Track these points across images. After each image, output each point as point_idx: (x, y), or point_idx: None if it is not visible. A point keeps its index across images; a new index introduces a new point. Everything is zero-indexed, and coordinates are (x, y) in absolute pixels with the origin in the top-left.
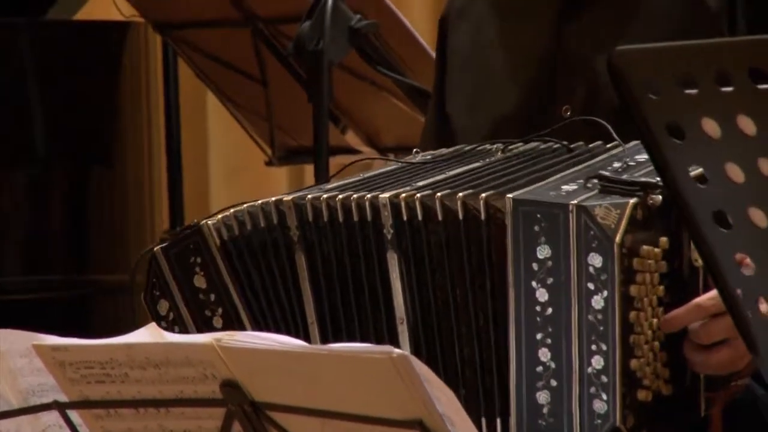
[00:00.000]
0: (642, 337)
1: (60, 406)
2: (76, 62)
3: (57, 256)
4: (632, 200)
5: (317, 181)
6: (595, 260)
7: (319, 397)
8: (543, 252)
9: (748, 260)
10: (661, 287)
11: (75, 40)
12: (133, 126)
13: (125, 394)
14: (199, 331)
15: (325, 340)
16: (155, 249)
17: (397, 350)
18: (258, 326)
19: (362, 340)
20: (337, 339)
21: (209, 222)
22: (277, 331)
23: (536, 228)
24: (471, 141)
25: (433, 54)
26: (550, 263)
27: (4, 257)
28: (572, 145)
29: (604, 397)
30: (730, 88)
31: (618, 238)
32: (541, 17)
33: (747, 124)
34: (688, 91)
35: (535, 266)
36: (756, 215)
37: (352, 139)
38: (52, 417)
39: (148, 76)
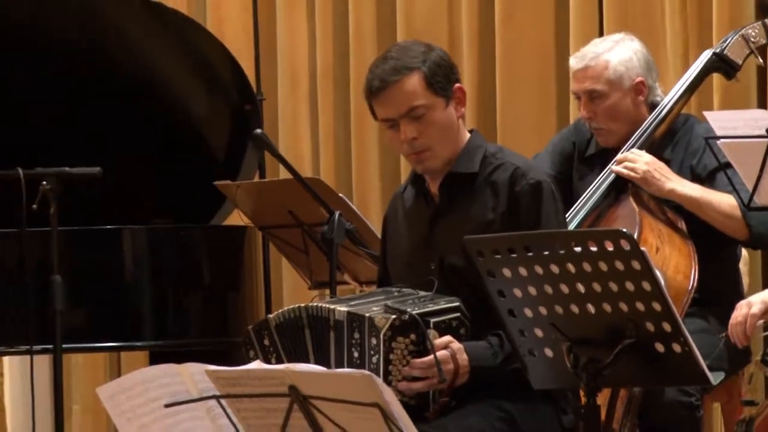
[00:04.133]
0: (395, 377)
1: (216, 397)
2: (224, 247)
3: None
4: (393, 316)
5: (331, 296)
6: (373, 341)
7: (331, 392)
8: (356, 336)
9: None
10: (408, 355)
11: (223, 235)
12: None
13: (245, 391)
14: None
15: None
16: (249, 329)
17: (366, 372)
18: (292, 361)
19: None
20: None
21: (270, 316)
22: (306, 361)
23: (355, 325)
24: (392, 283)
25: (377, 233)
26: (357, 337)
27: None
28: (404, 290)
29: None
30: (515, 255)
31: (384, 330)
32: (421, 221)
33: (523, 271)
34: (497, 257)
35: (354, 340)
36: (527, 312)
37: (347, 278)
38: (212, 403)
39: (256, 256)
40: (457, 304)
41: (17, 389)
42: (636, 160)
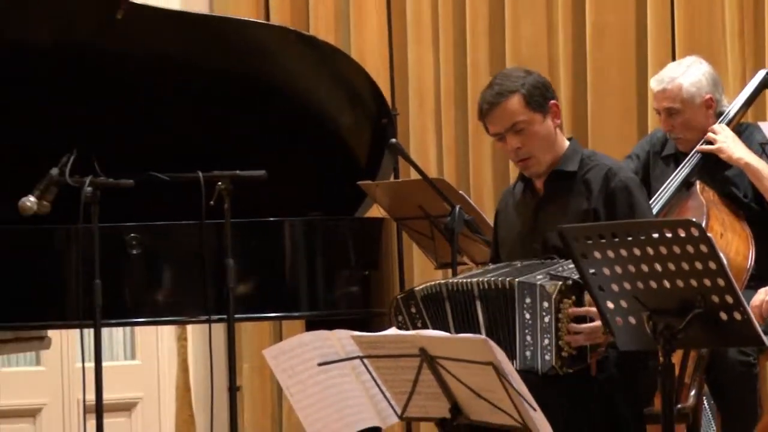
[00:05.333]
0: (563, 332)
1: (360, 357)
2: (366, 235)
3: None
4: (559, 282)
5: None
6: (545, 303)
7: (453, 353)
8: (528, 301)
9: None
10: (570, 313)
11: (365, 225)
12: (388, 274)
13: (383, 352)
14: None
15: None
16: (398, 298)
17: (482, 336)
18: (435, 326)
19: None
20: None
21: (416, 288)
22: (446, 328)
23: (526, 292)
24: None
25: (490, 223)
26: (529, 302)
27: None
28: (544, 260)
29: (547, 356)
30: (604, 240)
31: (555, 295)
32: (529, 207)
33: (610, 253)
34: (588, 242)
35: (526, 305)
36: (614, 287)
37: (465, 259)
38: (356, 362)
39: (391, 242)
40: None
41: (198, 352)
42: (718, 132)
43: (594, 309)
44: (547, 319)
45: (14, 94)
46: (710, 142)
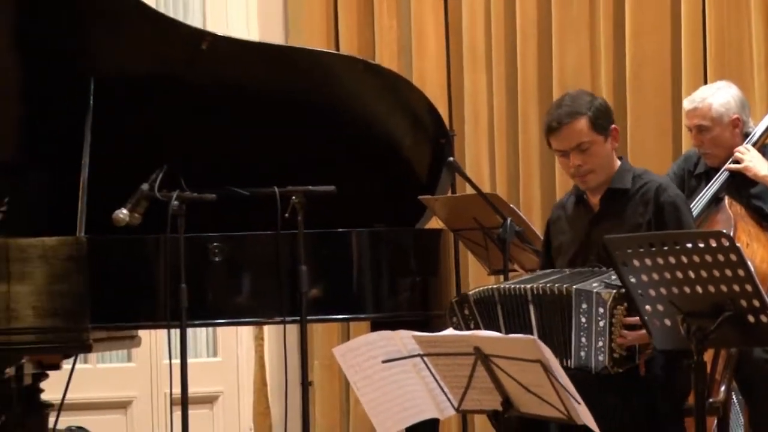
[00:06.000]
0: (615, 334)
1: (420, 355)
2: (426, 244)
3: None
4: (614, 291)
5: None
6: (600, 309)
7: (505, 351)
8: (584, 306)
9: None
10: (622, 318)
11: (425, 235)
12: (446, 279)
13: (441, 350)
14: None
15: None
16: (453, 301)
17: (531, 336)
18: (487, 327)
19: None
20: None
21: (470, 293)
22: (498, 328)
23: (582, 298)
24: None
25: (539, 234)
26: (585, 307)
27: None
28: (593, 269)
29: (601, 357)
30: (642, 250)
31: (609, 302)
32: (583, 221)
33: (648, 261)
34: (629, 251)
35: (582, 310)
36: (651, 292)
37: (516, 266)
38: (417, 360)
39: (448, 250)
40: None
41: (273, 350)
42: (744, 152)
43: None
44: (601, 324)
45: (113, 117)
46: (737, 162)
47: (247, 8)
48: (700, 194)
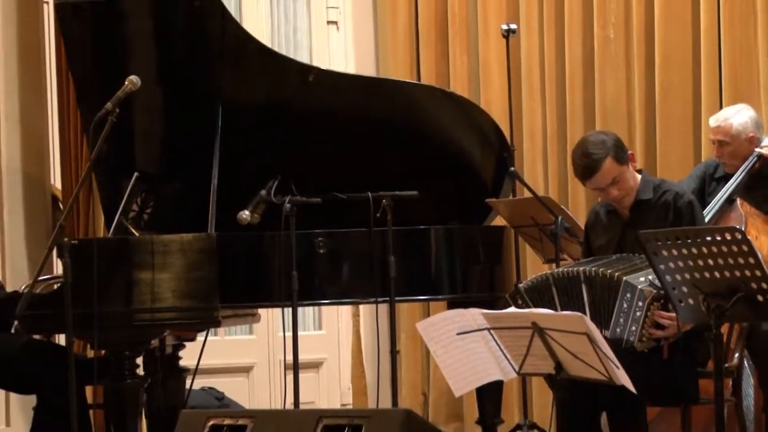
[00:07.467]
0: (647, 325)
1: (488, 329)
2: (491, 238)
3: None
4: (654, 290)
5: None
6: (640, 303)
7: (557, 325)
8: (628, 296)
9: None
10: (656, 312)
11: (491, 231)
12: (508, 266)
13: (505, 324)
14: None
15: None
16: (518, 286)
17: (579, 313)
18: (540, 306)
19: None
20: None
21: (520, 285)
22: (553, 307)
23: (628, 289)
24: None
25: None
26: (629, 296)
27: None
28: (631, 254)
29: (632, 338)
30: (669, 242)
31: (648, 299)
32: (616, 227)
33: (674, 252)
34: (658, 243)
35: (626, 298)
36: (677, 276)
37: (565, 256)
38: (485, 332)
39: (510, 243)
40: None
41: (368, 324)
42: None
43: (673, 314)
44: (638, 314)
45: (237, 136)
46: (761, 156)
47: (345, 46)
48: (718, 195)
